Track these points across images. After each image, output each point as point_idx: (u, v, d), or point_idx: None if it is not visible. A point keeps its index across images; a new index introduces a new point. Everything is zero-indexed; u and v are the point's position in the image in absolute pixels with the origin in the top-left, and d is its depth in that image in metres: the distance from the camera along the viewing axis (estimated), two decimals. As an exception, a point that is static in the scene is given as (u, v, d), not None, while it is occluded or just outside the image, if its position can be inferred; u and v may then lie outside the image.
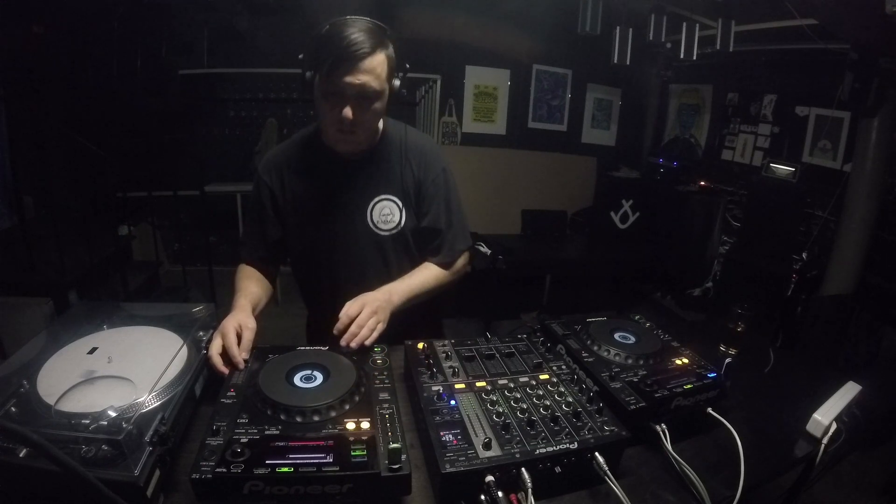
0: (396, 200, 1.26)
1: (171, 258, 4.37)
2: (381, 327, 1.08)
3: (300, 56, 1.10)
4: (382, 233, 1.26)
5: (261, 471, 0.67)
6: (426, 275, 1.28)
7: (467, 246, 1.36)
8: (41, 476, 0.65)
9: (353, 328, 1.03)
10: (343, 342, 1.02)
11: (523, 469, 0.75)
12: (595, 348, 1.08)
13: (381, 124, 1.26)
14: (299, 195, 1.25)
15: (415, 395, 0.92)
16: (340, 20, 1.06)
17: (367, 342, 1.03)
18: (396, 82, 1.14)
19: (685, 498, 0.82)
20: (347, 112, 1.06)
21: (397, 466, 0.70)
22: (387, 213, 1.26)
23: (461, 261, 1.35)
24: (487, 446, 0.77)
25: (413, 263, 1.31)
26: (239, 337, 0.99)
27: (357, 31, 1.03)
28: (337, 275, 1.28)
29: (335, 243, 1.26)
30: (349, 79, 1.04)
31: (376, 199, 1.25)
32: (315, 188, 1.25)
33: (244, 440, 0.73)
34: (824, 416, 1.00)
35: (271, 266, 1.35)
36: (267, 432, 0.75)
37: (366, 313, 1.06)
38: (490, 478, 0.73)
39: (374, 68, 1.06)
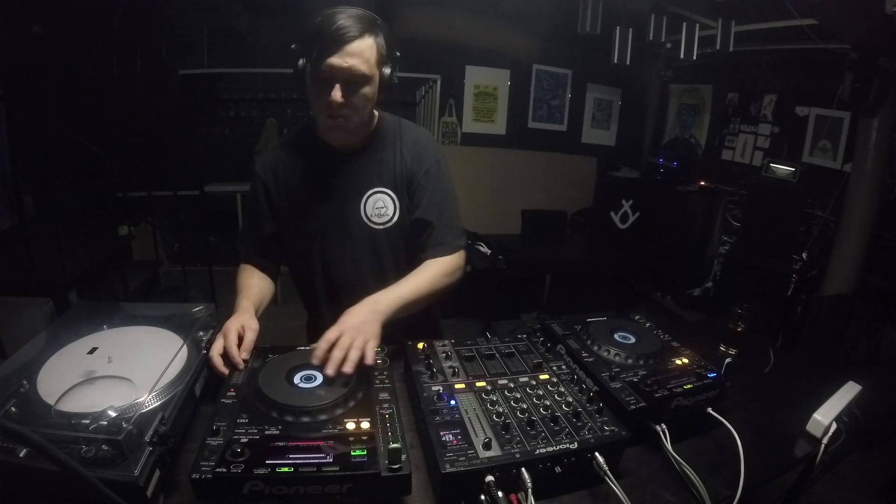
0: (390, 193, 1.25)
1: (171, 258, 4.37)
2: (372, 344, 0.97)
3: (293, 46, 1.11)
4: (376, 226, 1.25)
5: (261, 471, 0.67)
6: (419, 280, 1.19)
7: (460, 241, 1.28)
8: (41, 476, 0.65)
9: (334, 352, 0.91)
10: (326, 371, 0.89)
11: (523, 469, 0.75)
12: (595, 348, 1.08)
13: (374, 117, 1.26)
14: (293, 189, 1.25)
15: (415, 395, 0.92)
16: (331, 9, 1.07)
17: (346, 369, 0.89)
18: (387, 70, 1.13)
19: (685, 498, 0.82)
20: (336, 94, 1.06)
21: (397, 466, 0.70)
22: (380, 206, 1.24)
23: (456, 260, 1.26)
24: (487, 446, 0.77)
25: (407, 259, 1.29)
26: (241, 338, 0.99)
27: (346, 17, 1.05)
28: (332, 270, 1.27)
29: (329, 237, 1.25)
30: (336, 61, 1.04)
31: (370, 193, 1.24)
32: (308, 182, 1.24)
33: (244, 440, 0.73)
34: (824, 416, 1.00)
35: (271, 263, 1.34)
36: (267, 432, 0.75)
37: (345, 340, 0.93)
38: (490, 478, 0.73)
39: (363, 51, 1.06)
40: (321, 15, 1.07)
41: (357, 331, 0.96)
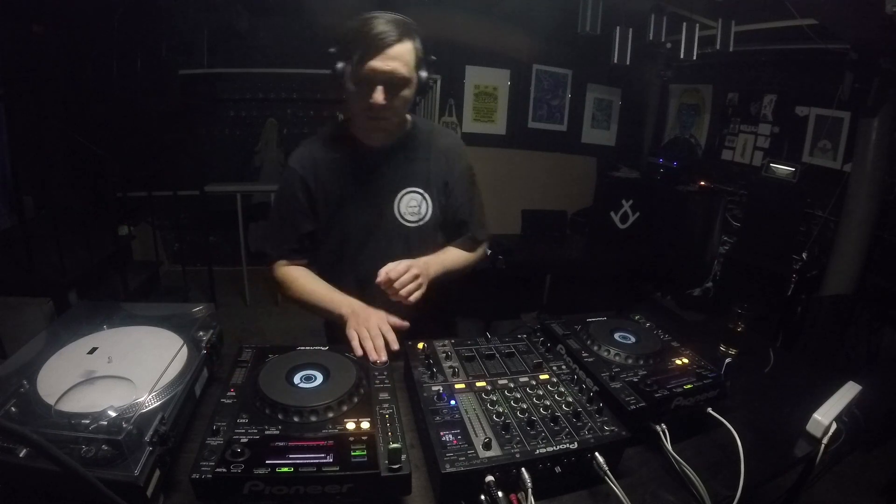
0: (423, 193, 1.28)
1: (171, 258, 4.37)
2: (422, 290, 1.14)
3: (331, 50, 1.15)
4: (409, 225, 1.28)
5: (261, 471, 0.67)
6: (455, 253, 1.35)
7: (486, 236, 1.44)
8: (41, 476, 0.65)
9: (397, 284, 1.10)
10: (392, 295, 1.10)
11: (523, 469, 0.75)
12: (595, 348, 1.08)
13: (409, 117, 1.29)
14: (329, 187, 1.26)
15: (415, 395, 0.92)
16: (368, 14, 1.11)
17: (412, 298, 1.11)
18: (424, 73, 1.17)
19: (685, 498, 0.82)
20: (378, 95, 1.09)
21: (397, 466, 0.70)
22: (413, 205, 1.28)
23: (480, 249, 1.43)
24: (487, 446, 0.77)
25: None
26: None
27: (385, 21, 1.09)
28: (363, 268, 1.27)
29: (362, 235, 1.27)
30: (379, 64, 1.08)
31: (403, 192, 1.27)
32: (344, 180, 1.26)
33: (244, 440, 0.73)
34: (824, 416, 1.00)
35: (302, 261, 1.31)
36: (267, 432, 0.75)
37: (409, 275, 1.12)
38: (490, 478, 0.73)
39: (403, 55, 1.10)
40: (359, 20, 1.10)
41: (415, 276, 1.13)
